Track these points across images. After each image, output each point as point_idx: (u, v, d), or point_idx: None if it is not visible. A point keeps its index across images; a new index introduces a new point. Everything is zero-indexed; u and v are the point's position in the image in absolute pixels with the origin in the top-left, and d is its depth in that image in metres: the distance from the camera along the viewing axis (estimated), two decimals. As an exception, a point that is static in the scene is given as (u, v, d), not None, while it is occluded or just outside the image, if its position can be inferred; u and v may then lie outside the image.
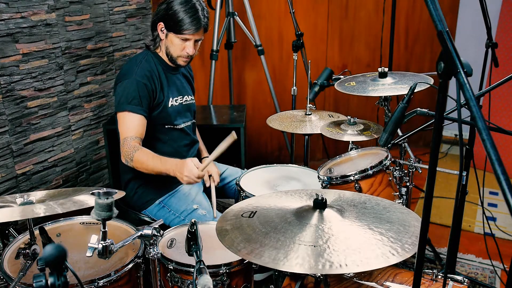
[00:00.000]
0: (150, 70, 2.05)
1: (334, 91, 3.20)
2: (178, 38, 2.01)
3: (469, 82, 0.83)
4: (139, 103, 1.98)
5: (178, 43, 2.02)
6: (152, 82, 2.04)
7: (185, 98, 2.22)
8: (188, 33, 1.99)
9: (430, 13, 0.85)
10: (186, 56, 2.06)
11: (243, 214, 1.37)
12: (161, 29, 2.04)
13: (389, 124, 1.72)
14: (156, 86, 2.06)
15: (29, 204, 1.42)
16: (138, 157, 1.91)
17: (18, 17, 2.27)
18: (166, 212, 2.14)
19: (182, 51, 2.04)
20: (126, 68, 2.08)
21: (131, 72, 2.02)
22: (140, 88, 1.99)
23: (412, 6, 3.85)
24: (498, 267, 2.57)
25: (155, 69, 2.08)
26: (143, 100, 1.99)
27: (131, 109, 1.97)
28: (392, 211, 1.37)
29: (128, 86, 1.99)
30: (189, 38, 2.01)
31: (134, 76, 2.00)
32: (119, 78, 2.05)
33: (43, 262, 0.87)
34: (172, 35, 2.02)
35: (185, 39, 2.01)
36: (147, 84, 2.01)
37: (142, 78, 2.01)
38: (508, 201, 0.72)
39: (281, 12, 3.60)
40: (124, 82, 2.01)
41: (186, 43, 2.02)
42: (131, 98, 1.97)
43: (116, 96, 2.04)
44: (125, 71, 2.06)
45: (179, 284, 1.59)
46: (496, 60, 2.24)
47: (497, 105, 3.47)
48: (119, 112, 2.00)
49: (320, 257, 1.12)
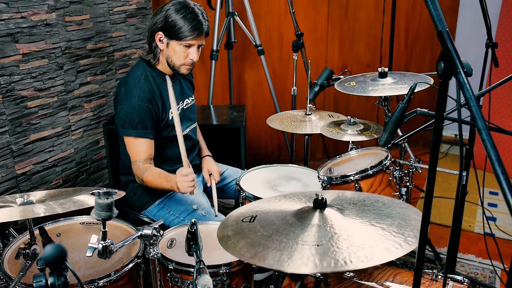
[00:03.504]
0: (151, 90, 2.01)
1: (334, 91, 3.20)
2: (181, 45, 1.96)
3: (469, 82, 0.83)
4: (143, 127, 1.98)
5: (181, 50, 1.98)
6: (154, 103, 2.01)
7: (186, 102, 2.21)
8: (191, 39, 1.94)
9: (430, 13, 0.85)
10: (190, 63, 2.02)
11: (243, 219, 1.37)
12: (160, 39, 1.98)
13: (389, 124, 1.72)
14: (158, 105, 2.04)
15: (29, 204, 1.42)
16: (147, 178, 1.98)
17: (18, 17, 2.27)
18: (165, 212, 2.14)
19: (185, 59, 2.00)
20: (125, 89, 2.02)
21: (131, 96, 1.98)
22: (143, 112, 1.97)
23: (412, 6, 3.85)
24: (498, 267, 2.56)
25: (155, 86, 2.04)
26: (147, 123, 1.98)
27: (137, 134, 1.98)
28: (392, 206, 1.37)
29: (130, 111, 1.97)
30: (193, 43, 1.97)
31: (135, 101, 1.96)
32: (120, 100, 2.01)
33: (43, 262, 0.87)
34: (174, 43, 1.97)
35: (189, 45, 1.97)
36: (149, 107, 1.99)
37: (143, 102, 1.97)
38: (508, 201, 0.72)
39: (281, 12, 3.59)
40: (125, 107, 1.98)
41: (189, 49, 1.98)
42: (135, 123, 1.97)
43: (118, 119, 2.01)
44: (125, 93, 2.01)
45: (179, 284, 1.59)
46: (496, 60, 2.24)
47: (497, 105, 3.47)
48: (125, 136, 2.01)
49: (325, 256, 1.12)
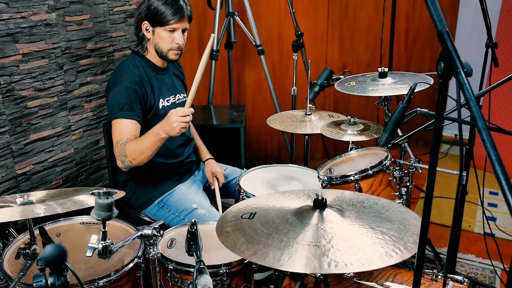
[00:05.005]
0: (139, 75, 2.07)
1: (334, 91, 3.20)
2: (165, 30, 2.04)
3: (469, 82, 0.83)
4: (131, 109, 1.99)
5: (166, 35, 2.05)
6: (141, 86, 2.05)
7: (177, 97, 2.24)
8: (174, 22, 2.02)
9: (430, 13, 0.85)
10: (176, 48, 2.08)
11: (242, 216, 1.37)
12: (146, 28, 2.07)
13: (389, 124, 1.72)
14: (147, 89, 2.07)
15: (29, 204, 1.42)
16: (129, 147, 1.91)
17: (18, 17, 2.27)
18: (165, 211, 2.14)
19: (172, 43, 2.07)
20: (114, 76, 2.10)
21: (119, 80, 2.04)
22: (130, 94, 2.00)
23: (412, 6, 3.85)
24: (498, 267, 2.56)
25: (144, 73, 2.10)
26: (134, 105, 2.00)
27: (124, 115, 1.99)
28: (391, 210, 1.38)
29: (118, 93, 2.01)
30: (176, 27, 2.04)
31: (123, 83, 2.02)
32: (109, 87, 2.07)
33: (43, 262, 0.87)
34: (159, 29, 2.05)
35: (173, 29, 2.04)
36: (136, 89, 2.02)
37: (131, 84, 2.02)
38: (508, 201, 0.72)
39: (281, 12, 3.59)
40: (114, 90, 2.02)
41: (174, 34, 2.06)
42: (122, 104, 1.99)
43: (108, 105, 2.06)
44: (114, 79, 2.07)
45: (179, 284, 1.59)
46: (496, 60, 2.24)
47: (497, 105, 3.47)
48: (113, 120, 2.01)
49: (325, 257, 1.12)
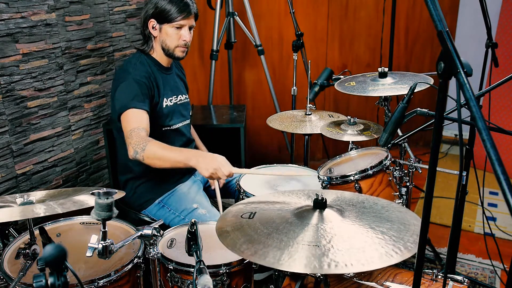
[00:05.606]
0: (146, 71, 2.08)
1: (334, 91, 3.20)
2: (173, 27, 2.06)
3: (469, 82, 0.83)
4: (142, 100, 1.98)
5: (173, 32, 2.07)
6: (150, 81, 2.06)
7: (179, 98, 2.24)
8: (181, 18, 2.04)
9: (430, 13, 0.85)
10: (183, 45, 2.09)
11: (242, 215, 1.37)
12: (152, 26, 2.08)
13: (389, 124, 1.72)
14: (153, 85, 2.08)
15: (29, 204, 1.42)
16: (152, 146, 1.83)
17: (18, 17, 2.27)
18: (166, 211, 2.14)
19: (179, 40, 2.08)
20: (121, 72, 2.09)
21: (128, 75, 2.03)
22: (141, 85, 2.00)
23: (412, 6, 3.85)
24: (498, 267, 2.57)
25: (150, 71, 2.10)
26: (144, 97, 2.00)
27: (135, 105, 1.95)
28: (391, 210, 1.38)
29: (128, 86, 1.99)
30: (183, 24, 2.06)
31: (131, 76, 2.01)
32: (117, 83, 2.05)
33: (43, 262, 0.87)
34: (166, 26, 2.06)
35: (180, 26, 2.06)
36: (146, 83, 2.03)
37: (141, 78, 2.02)
38: (508, 201, 0.72)
39: (281, 12, 3.59)
40: (123, 85, 2.01)
41: (181, 31, 2.07)
42: (133, 95, 1.97)
43: (117, 101, 2.00)
44: (121, 75, 2.06)
45: (179, 284, 1.59)
46: (496, 60, 2.24)
47: (497, 105, 3.47)
48: (123, 112, 1.95)
49: (325, 257, 1.12)
